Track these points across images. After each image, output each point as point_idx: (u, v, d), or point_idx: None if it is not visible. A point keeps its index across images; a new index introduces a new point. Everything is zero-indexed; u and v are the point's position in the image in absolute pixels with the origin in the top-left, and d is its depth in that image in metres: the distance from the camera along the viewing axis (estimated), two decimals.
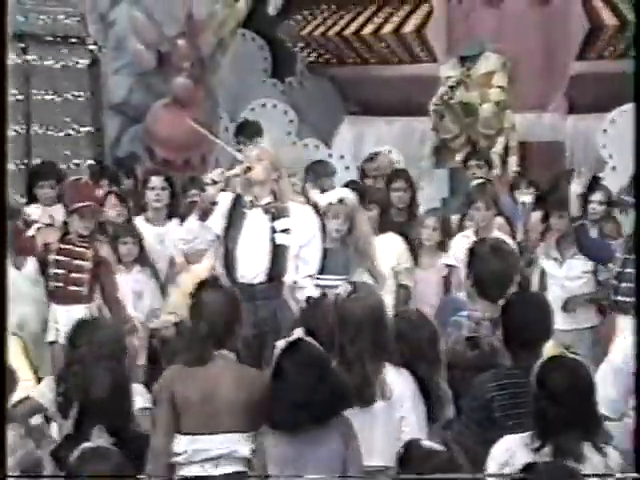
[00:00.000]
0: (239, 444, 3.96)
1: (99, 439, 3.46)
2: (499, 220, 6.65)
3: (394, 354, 3.92)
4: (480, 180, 7.07)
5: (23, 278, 5.95)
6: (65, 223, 6.07)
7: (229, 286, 4.60)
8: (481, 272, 4.32)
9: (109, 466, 3.07)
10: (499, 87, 8.56)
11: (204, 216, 5.38)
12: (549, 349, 3.59)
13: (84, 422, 3.72)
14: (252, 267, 5.36)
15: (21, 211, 6.60)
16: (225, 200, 5.45)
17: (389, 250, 6.24)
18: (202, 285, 4.16)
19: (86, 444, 3.24)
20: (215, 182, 5.40)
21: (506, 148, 8.64)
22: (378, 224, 6.31)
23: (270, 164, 5.46)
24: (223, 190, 5.48)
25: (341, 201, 5.86)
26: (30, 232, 6.31)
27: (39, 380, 4.54)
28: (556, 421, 3.35)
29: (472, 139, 8.65)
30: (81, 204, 5.94)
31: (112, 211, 6.63)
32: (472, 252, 4.46)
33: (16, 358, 4.49)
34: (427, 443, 3.36)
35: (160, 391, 4.04)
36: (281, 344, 3.86)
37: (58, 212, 6.70)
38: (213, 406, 3.96)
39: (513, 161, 8.61)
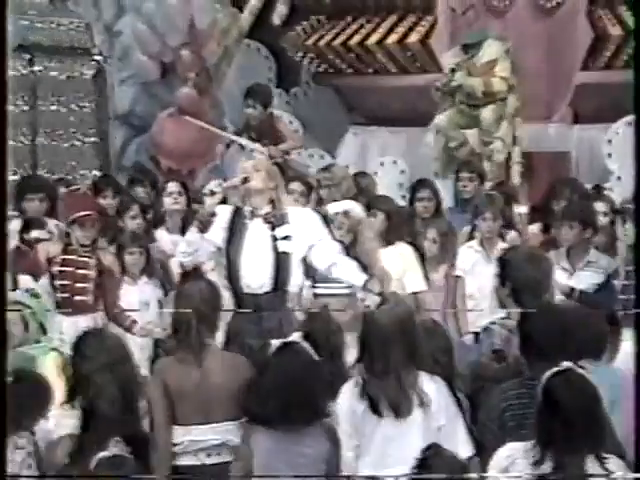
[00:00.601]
0: (232, 433, 4.03)
1: (114, 448, 3.48)
2: (513, 234, 6.66)
3: (427, 363, 3.93)
4: (490, 191, 7.08)
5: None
6: (67, 234, 6.07)
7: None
8: (517, 279, 4.31)
9: (125, 473, 3.11)
10: (502, 78, 8.52)
11: (204, 228, 5.39)
12: None
13: (95, 430, 3.73)
14: (256, 277, 5.37)
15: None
16: (225, 213, 5.46)
17: (398, 260, 6.25)
18: (185, 277, 4.25)
19: (103, 453, 3.27)
20: (213, 193, 5.41)
21: (508, 159, 8.61)
22: (387, 234, 6.31)
23: (267, 173, 5.49)
24: (222, 202, 5.50)
25: (346, 213, 5.88)
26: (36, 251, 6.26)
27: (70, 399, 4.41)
28: (557, 434, 3.34)
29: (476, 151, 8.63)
30: (81, 213, 5.95)
31: (132, 222, 6.63)
32: (507, 260, 4.45)
33: (52, 375, 4.47)
34: (448, 450, 3.38)
35: (153, 385, 4.11)
36: (276, 343, 3.95)
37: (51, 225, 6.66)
38: (206, 395, 4.02)
39: (516, 172, 8.58)
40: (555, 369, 3.45)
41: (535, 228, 7.07)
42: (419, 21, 9.83)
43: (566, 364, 3.46)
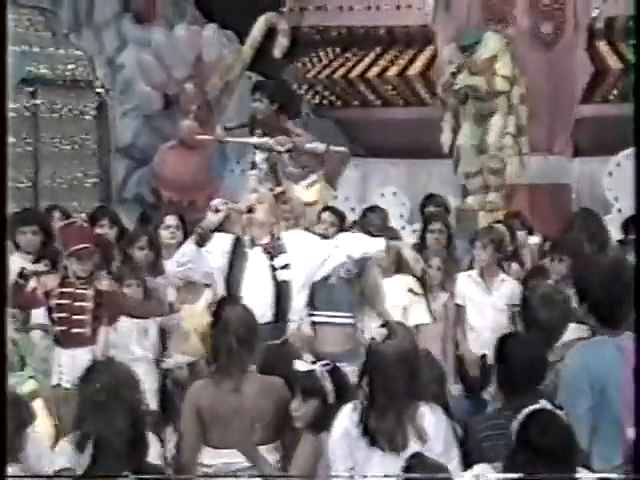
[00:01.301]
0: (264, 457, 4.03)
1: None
2: (515, 266, 6.66)
3: (427, 394, 3.94)
4: (494, 223, 7.09)
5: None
6: (64, 267, 6.07)
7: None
8: (535, 319, 4.35)
9: None
10: (503, 76, 8.51)
11: (201, 241, 5.40)
12: None
13: (101, 459, 3.73)
14: (258, 307, 5.35)
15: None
16: (226, 241, 5.47)
17: (402, 291, 6.26)
18: (223, 302, 4.27)
19: None
20: (217, 210, 5.43)
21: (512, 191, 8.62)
22: (394, 266, 6.32)
23: (270, 207, 5.53)
24: (220, 229, 5.51)
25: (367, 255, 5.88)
26: (31, 284, 6.26)
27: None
28: (529, 466, 3.37)
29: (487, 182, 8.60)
30: (79, 246, 5.95)
31: (140, 253, 6.63)
32: (525, 300, 4.50)
33: (29, 399, 4.46)
34: (432, 459, 3.42)
35: (187, 406, 4.14)
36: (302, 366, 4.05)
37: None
38: (242, 420, 4.01)
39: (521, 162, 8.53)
40: (531, 408, 3.47)
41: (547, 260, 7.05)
42: (419, 54, 9.89)
43: (542, 403, 3.48)
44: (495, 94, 8.49)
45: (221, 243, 5.45)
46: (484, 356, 6.23)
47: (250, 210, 5.46)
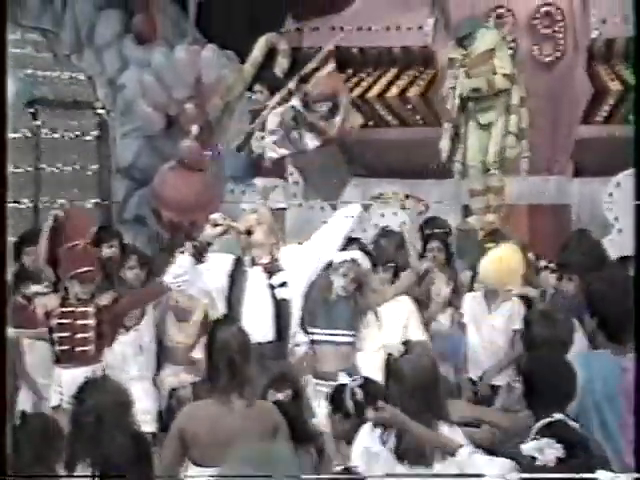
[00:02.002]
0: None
1: None
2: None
3: (445, 410, 3.93)
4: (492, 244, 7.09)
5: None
6: (65, 288, 6.06)
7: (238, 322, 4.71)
8: (535, 339, 4.36)
9: None
10: (504, 75, 8.49)
11: (198, 254, 5.39)
12: None
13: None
14: (258, 326, 5.37)
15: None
16: (226, 262, 5.47)
17: (399, 310, 6.26)
18: (218, 322, 4.37)
19: None
20: (216, 225, 5.42)
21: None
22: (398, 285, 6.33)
23: (269, 228, 5.52)
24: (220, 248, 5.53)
25: (354, 261, 5.89)
26: (32, 305, 6.26)
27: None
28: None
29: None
30: (81, 269, 5.95)
31: (130, 272, 6.63)
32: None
33: None
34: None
35: (174, 426, 4.19)
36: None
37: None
38: (232, 440, 3.98)
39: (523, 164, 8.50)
40: (546, 421, 3.46)
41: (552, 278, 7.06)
42: (419, 74, 9.92)
43: (557, 416, 3.46)
44: (497, 93, 8.50)
45: (222, 263, 5.46)
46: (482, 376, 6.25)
47: (249, 232, 5.47)
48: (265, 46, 9.63)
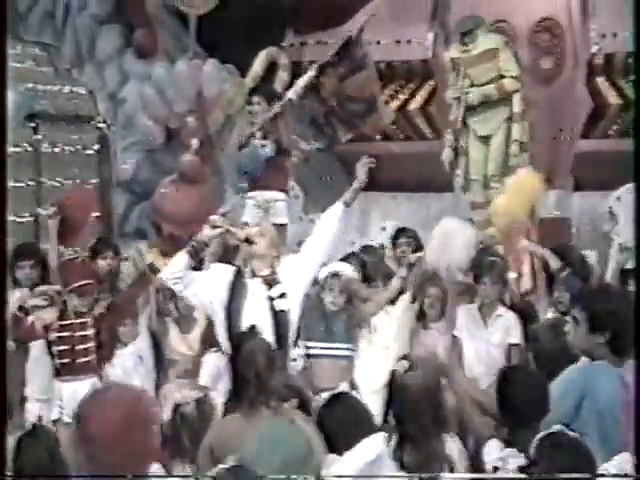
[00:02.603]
0: None
1: None
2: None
3: (450, 424, 3.98)
4: (492, 258, 7.09)
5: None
6: (63, 302, 6.06)
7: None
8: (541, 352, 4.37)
9: None
10: (512, 77, 8.48)
11: (194, 254, 5.40)
12: None
13: None
14: None
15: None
16: (227, 273, 5.47)
17: (389, 320, 6.27)
18: (243, 335, 4.39)
19: None
20: (215, 227, 5.43)
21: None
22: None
23: (271, 240, 5.53)
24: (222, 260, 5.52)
25: (335, 275, 5.89)
26: (30, 318, 6.25)
27: None
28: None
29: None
30: (80, 283, 5.95)
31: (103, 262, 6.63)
32: (532, 331, 4.49)
33: None
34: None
35: (204, 445, 4.19)
36: (325, 396, 4.07)
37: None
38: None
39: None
40: (545, 432, 3.48)
41: None
42: (419, 88, 9.94)
43: (556, 427, 3.48)
44: (497, 101, 8.52)
45: (222, 274, 5.46)
46: None
47: (247, 240, 5.47)
48: (266, 60, 9.66)
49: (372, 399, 4.73)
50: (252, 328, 4.67)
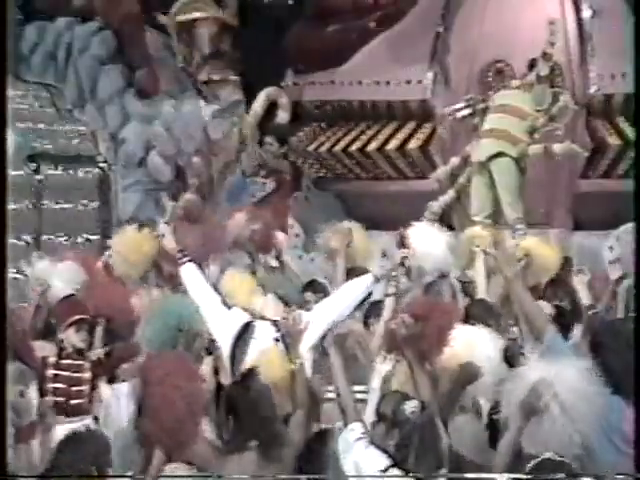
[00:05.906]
0: None
1: None
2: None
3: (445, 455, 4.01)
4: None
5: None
6: (61, 341, 6.04)
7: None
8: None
9: None
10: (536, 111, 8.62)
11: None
12: None
13: None
14: None
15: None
16: (239, 318, 5.47)
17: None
18: (249, 374, 4.35)
19: None
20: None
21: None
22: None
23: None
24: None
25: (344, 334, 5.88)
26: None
27: None
28: None
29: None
30: (76, 317, 5.95)
31: None
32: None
33: None
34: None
35: None
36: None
37: None
38: None
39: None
40: (539, 459, 3.54)
41: None
42: (418, 128, 9.98)
43: (547, 455, 3.54)
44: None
45: (232, 325, 5.44)
46: None
47: None
48: (266, 100, 9.71)
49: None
50: (253, 369, 4.65)
